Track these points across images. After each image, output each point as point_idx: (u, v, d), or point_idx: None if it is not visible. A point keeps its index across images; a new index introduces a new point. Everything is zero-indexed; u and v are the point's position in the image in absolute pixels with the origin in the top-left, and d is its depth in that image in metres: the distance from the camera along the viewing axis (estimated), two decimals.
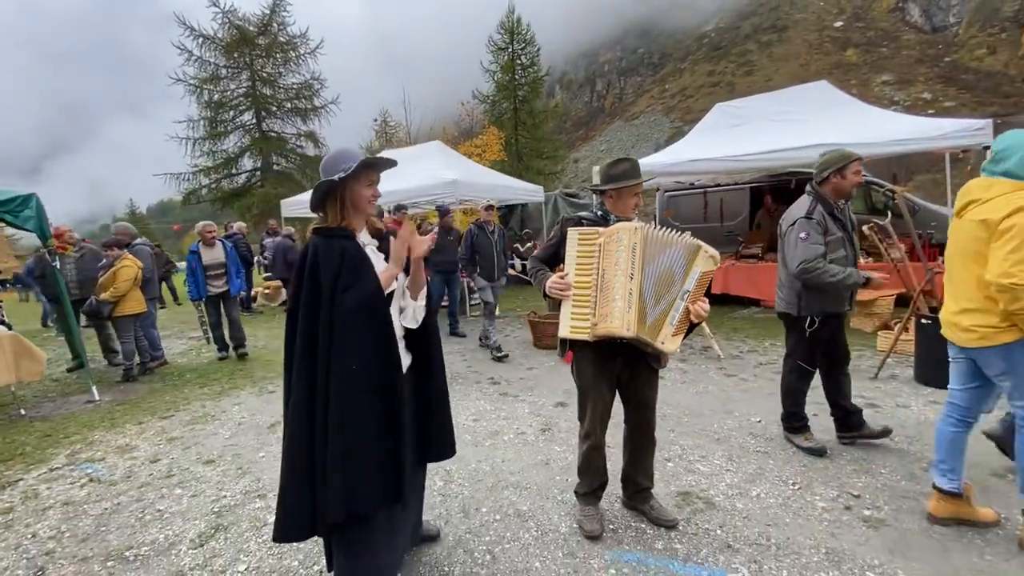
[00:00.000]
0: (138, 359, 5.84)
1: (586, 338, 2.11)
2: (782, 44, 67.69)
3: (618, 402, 2.39)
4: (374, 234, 1.95)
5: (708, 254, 2.11)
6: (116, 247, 5.62)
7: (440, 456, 2.08)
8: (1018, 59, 53.63)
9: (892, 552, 2.12)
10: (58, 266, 5.11)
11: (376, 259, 1.84)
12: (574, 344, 2.26)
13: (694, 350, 5.47)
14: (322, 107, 20.25)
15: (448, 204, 7.41)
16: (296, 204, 10.34)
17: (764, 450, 3.12)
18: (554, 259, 2.37)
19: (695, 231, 2.44)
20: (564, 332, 2.16)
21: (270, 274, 11.07)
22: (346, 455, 1.61)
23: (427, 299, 2.00)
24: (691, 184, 9.26)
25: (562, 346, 2.33)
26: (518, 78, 22.23)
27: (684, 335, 2.15)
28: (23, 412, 4.73)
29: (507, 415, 3.94)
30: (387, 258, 1.89)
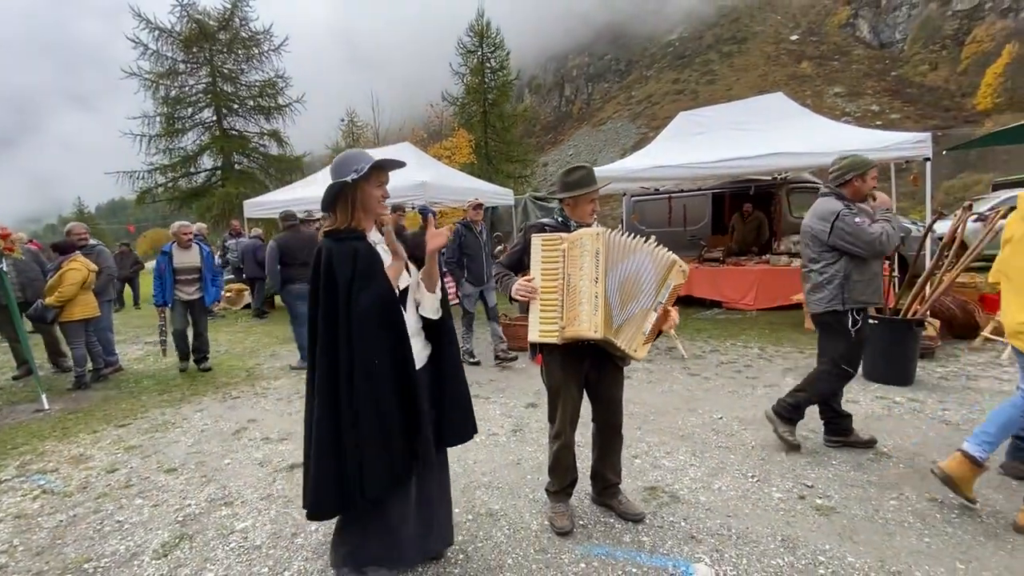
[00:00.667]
0: (91, 365, 5.56)
1: (555, 341, 2.17)
2: (742, 55, 70.11)
3: (586, 401, 2.46)
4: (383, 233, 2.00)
5: (681, 268, 2.18)
6: (64, 250, 5.33)
7: (463, 437, 2.14)
8: (957, 75, 57.27)
9: (841, 537, 2.26)
10: (4, 268, 4.84)
11: (387, 257, 1.89)
12: (543, 347, 2.31)
13: (660, 351, 5.64)
14: (287, 105, 19.69)
15: (418, 206, 7.38)
16: (260, 205, 10.08)
17: (725, 445, 3.26)
18: (519, 265, 2.41)
19: (660, 235, 2.55)
20: (533, 336, 2.22)
21: (232, 276, 10.75)
22: (373, 438, 1.75)
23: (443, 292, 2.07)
24: (656, 189, 9.53)
25: (532, 349, 2.39)
26: (488, 81, 22.32)
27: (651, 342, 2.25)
28: None
29: (479, 416, 3.92)
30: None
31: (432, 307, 2.01)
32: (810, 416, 3.64)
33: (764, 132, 7.35)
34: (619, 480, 2.54)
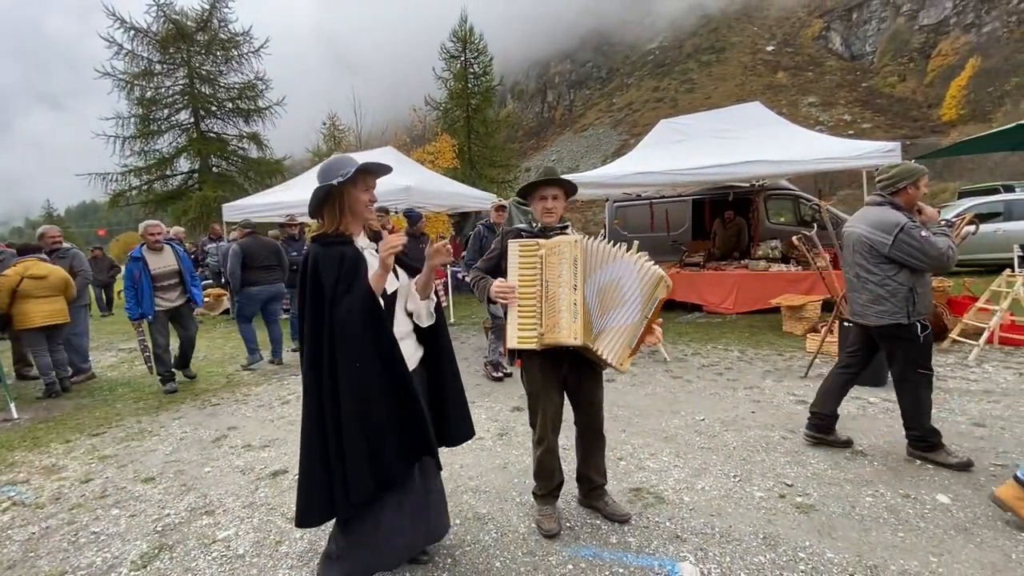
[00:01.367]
0: (56, 373, 5.27)
1: (534, 347, 2.18)
2: (720, 64, 71.59)
3: (568, 406, 2.49)
4: (372, 237, 2.00)
5: (666, 283, 2.18)
6: (23, 252, 5.15)
7: (461, 438, 2.15)
8: (924, 87, 59.40)
9: (820, 534, 2.33)
10: None
11: (373, 261, 1.89)
12: (522, 353, 2.33)
13: (643, 354, 5.71)
14: (266, 108, 19.47)
15: (402, 210, 7.33)
16: (239, 208, 9.90)
17: (708, 446, 3.32)
18: (496, 271, 2.41)
19: (642, 240, 2.59)
20: (512, 343, 2.21)
21: (211, 281, 10.54)
22: (358, 441, 1.75)
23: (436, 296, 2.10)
24: (637, 195, 9.67)
25: (511, 354, 2.40)
26: (471, 87, 22.38)
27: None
28: None
29: None
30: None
31: (426, 314, 2.03)
32: (788, 416, 3.74)
33: (743, 140, 7.53)
34: (604, 481, 2.57)
